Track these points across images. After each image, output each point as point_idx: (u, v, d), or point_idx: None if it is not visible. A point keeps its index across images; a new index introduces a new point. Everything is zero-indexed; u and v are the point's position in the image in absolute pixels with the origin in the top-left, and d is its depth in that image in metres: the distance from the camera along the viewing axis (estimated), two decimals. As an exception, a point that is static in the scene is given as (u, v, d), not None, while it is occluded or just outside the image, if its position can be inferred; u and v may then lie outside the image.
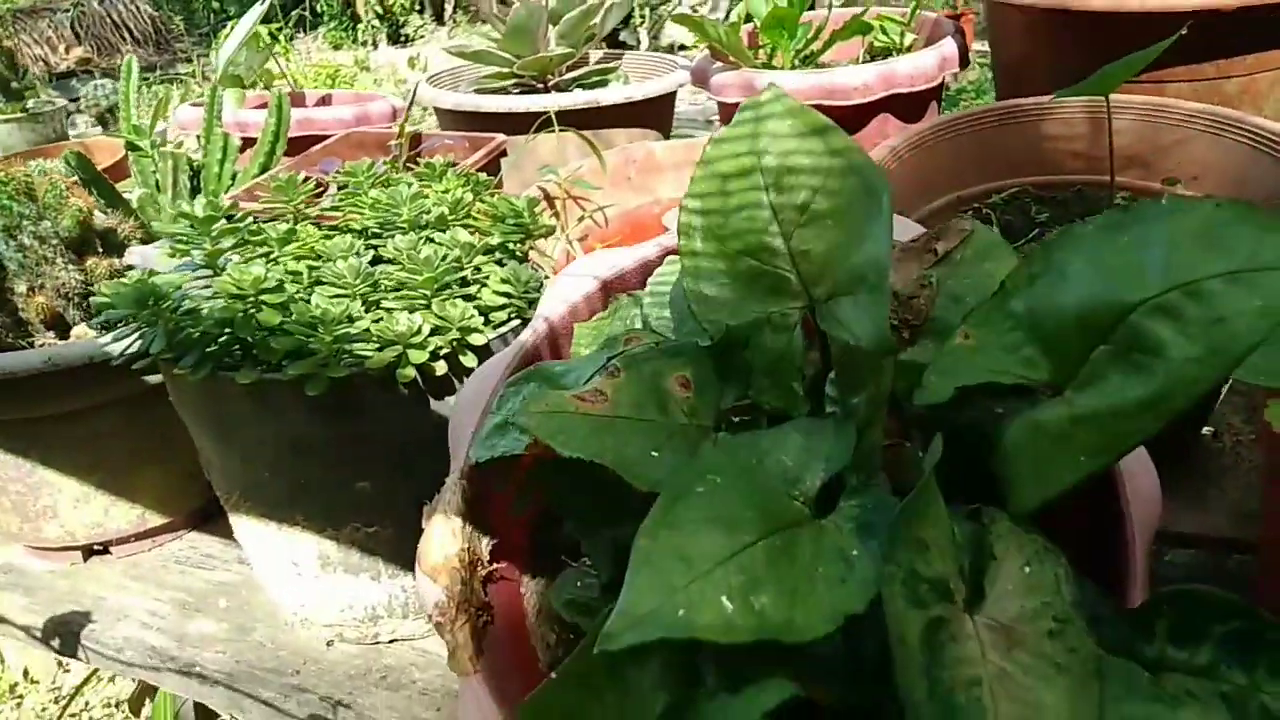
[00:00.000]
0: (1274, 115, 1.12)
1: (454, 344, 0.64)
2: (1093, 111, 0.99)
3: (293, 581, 0.76)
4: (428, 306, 0.66)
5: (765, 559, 0.33)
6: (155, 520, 0.93)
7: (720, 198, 0.45)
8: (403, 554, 0.73)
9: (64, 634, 0.86)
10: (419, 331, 0.63)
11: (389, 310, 0.65)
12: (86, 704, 1.95)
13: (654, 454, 0.39)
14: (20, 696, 1.98)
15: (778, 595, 0.32)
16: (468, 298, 0.69)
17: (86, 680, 1.81)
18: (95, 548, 0.94)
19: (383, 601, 0.75)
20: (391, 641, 0.78)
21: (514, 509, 0.47)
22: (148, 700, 1.27)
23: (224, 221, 0.73)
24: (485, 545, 0.45)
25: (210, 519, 0.97)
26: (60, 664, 2.04)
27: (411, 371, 0.62)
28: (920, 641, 0.31)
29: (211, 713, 1.26)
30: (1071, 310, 0.36)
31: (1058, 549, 0.36)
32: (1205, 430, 0.93)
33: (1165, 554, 0.88)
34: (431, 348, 0.64)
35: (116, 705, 1.92)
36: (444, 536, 0.44)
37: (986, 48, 1.48)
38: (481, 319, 0.67)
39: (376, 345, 0.63)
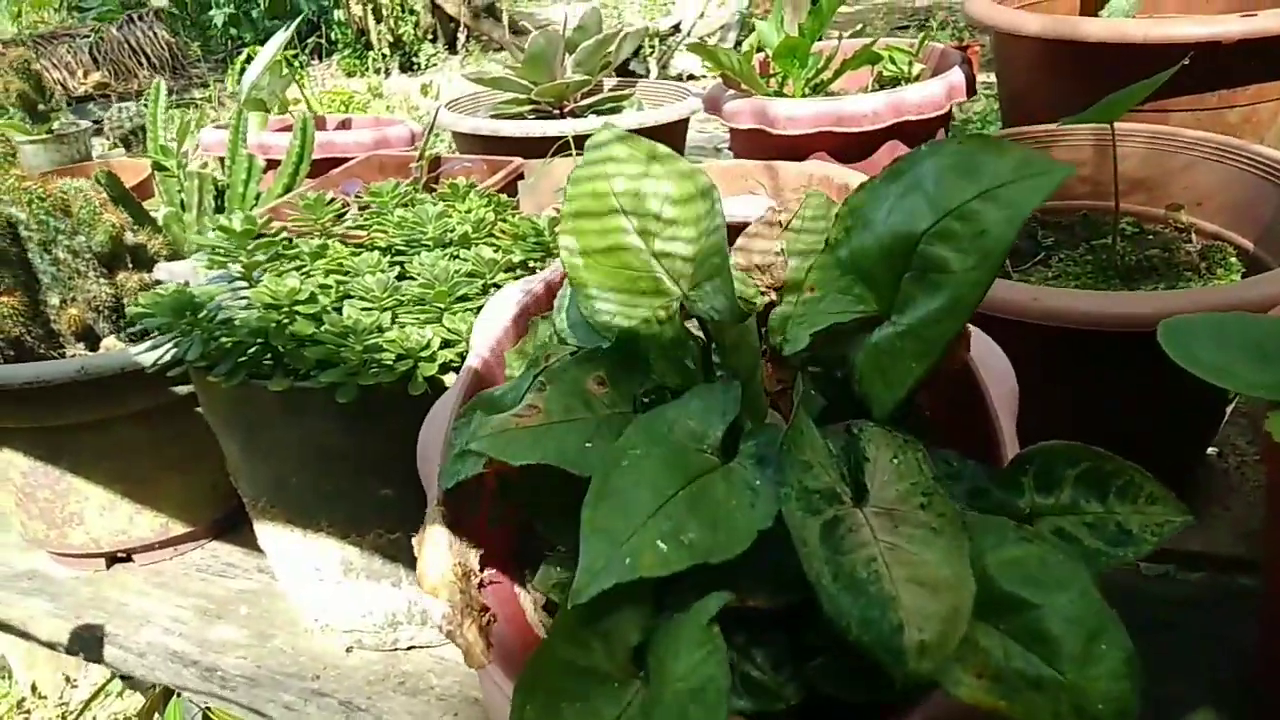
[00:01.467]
0: (1275, 144, 1.15)
1: (462, 356, 0.66)
2: (1097, 139, 1.02)
3: (314, 587, 0.78)
4: (439, 320, 0.68)
5: (687, 505, 0.40)
6: (178, 529, 0.95)
7: (590, 222, 0.51)
8: (424, 561, 0.74)
9: (87, 639, 0.88)
10: (428, 345, 0.65)
11: (402, 325, 0.67)
12: (94, 719, 1.95)
13: (588, 445, 0.46)
14: (28, 711, 1.98)
15: (701, 530, 0.39)
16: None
17: (95, 695, 1.82)
18: (119, 555, 0.95)
19: (402, 608, 0.77)
20: (410, 648, 0.80)
21: (490, 522, 0.51)
22: (156, 715, 1.28)
23: (257, 237, 0.75)
24: (474, 557, 0.49)
25: (232, 529, 0.99)
26: (68, 679, 2.05)
27: (423, 384, 0.64)
28: (820, 540, 0.37)
29: (221, 727, 1.27)
30: (877, 249, 0.44)
31: (916, 440, 0.43)
32: (1210, 451, 0.94)
33: (1172, 574, 0.90)
34: (441, 360, 0.66)
35: (125, 720, 1.92)
36: (436, 557, 0.48)
37: (993, 79, 1.51)
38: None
39: (393, 357, 0.65)
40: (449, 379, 0.65)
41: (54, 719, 2.02)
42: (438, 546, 0.48)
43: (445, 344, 0.65)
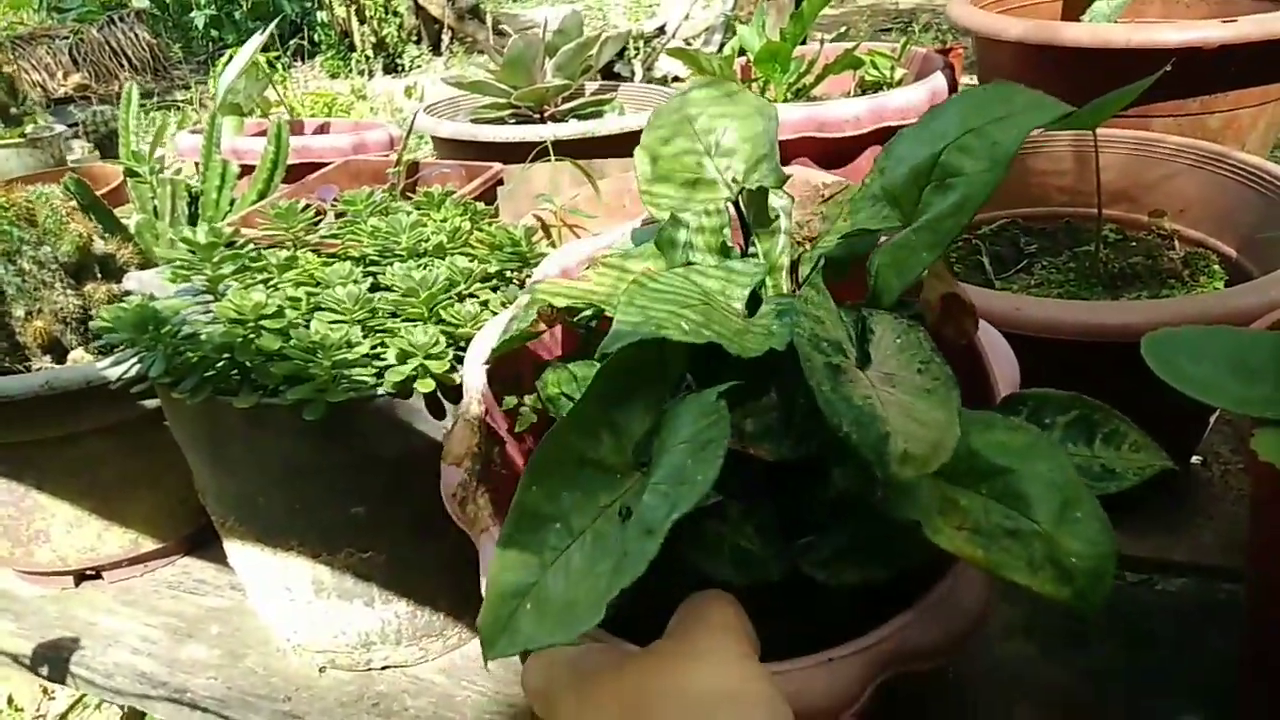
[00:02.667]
0: (1256, 150, 1.15)
1: (418, 370, 0.65)
2: (1079, 146, 1.01)
3: (286, 607, 0.76)
4: (429, 321, 0.67)
5: (706, 315, 0.44)
6: (148, 545, 0.93)
7: (665, 147, 0.59)
8: (395, 579, 0.73)
9: (53, 660, 0.86)
10: (437, 342, 0.64)
11: (390, 331, 0.66)
12: (71, 733, 1.92)
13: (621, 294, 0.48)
14: (3, 725, 1.95)
15: (722, 329, 0.43)
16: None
17: (71, 707, 1.79)
18: (87, 572, 0.93)
19: (376, 628, 0.75)
20: (384, 668, 0.78)
21: (514, 430, 0.57)
22: (134, 730, 1.26)
23: (225, 248, 0.73)
24: (496, 449, 0.55)
25: (203, 545, 0.97)
26: (45, 690, 2.01)
27: (430, 384, 0.63)
28: (823, 368, 0.41)
29: (199, 742, 1.25)
30: (904, 176, 0.50)
31: (919, 324, 0.48)
32: (1194, 460, 0.94)
33: (1156, 583, 0.89)
34: (437, 368, 0.64)
35: (102, 734, 1.90)
36: (463, 434, 0.53)
37: (976, 82, 1.50)
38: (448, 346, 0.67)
39: (374, 372, 0.64)
40: (423, 386, 0.64)
41: (30, 732, 1.99)
42: (468, 425, 0.53)
43: (429, 354, 0.64)
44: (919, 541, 0.40)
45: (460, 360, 0.67)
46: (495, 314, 0.70)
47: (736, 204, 0.57)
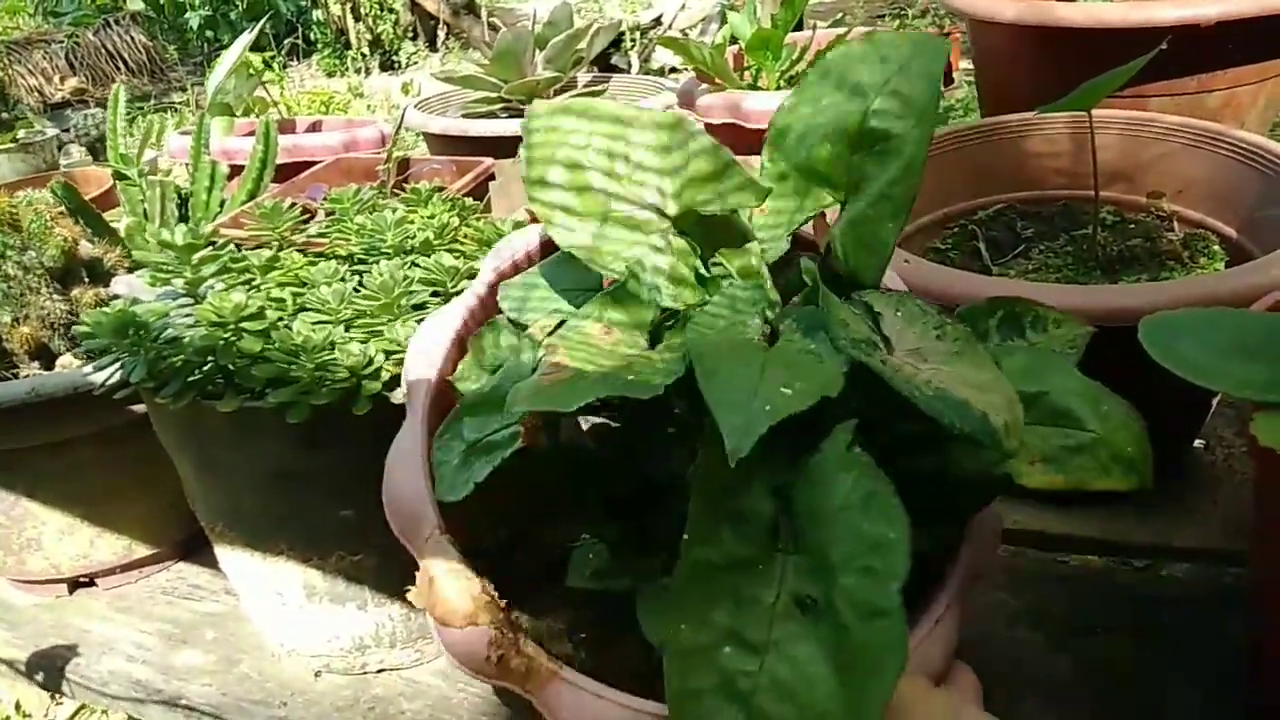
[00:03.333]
0: (1256, 128, 1.13)
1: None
2: (1076, 127, 1.00)
3: (278, 612, 0.75)
4: (382, 334, 0.65)
5: (779, 367, 0.41)
6: (142, 551, 0.92)
7: (561, 175, 0.53)
8: (388, 582, 0.72)
9: (48, 668, 0.85)
10: (371, 361, 0.62)
11: (349, 339, 0.64)
12: (78, 738, 1.93)
13: (631, 378, 0.44)
14: (11, 731, 1.96)
15: (801, 380, 0.40)
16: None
17: (77, 713, 1.79)
18: (81, 580, 0.93)
19: (370, 631, 0.75)
20: (380, 671, 0.78)
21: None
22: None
23: (206, 249, 0.72)
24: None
25: (198, 549, 0.96)
26: (54, 696, 2.02)
27: (365, 404, 0.61)
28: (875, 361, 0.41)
29: (203, 745, 1.24)
30: (822, 149, 0.49)
31: (908, 292, 0.49)
32: (1196, 443, 0.92)
33: (1160, 568, 0.88)
34: (385, 376, 0.63)
35: (109, 739, 1.90)
36: (458, 583, 0.44)
37: (972, 68, 1.49)
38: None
39: (344, 374, 0.62)
40: (396, 395, 0.63)
41: (38, 737, 1.99)
42: (455, 573, 0.44)
43: (390, 355, 0.63)
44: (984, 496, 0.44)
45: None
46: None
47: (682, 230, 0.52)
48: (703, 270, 0.51)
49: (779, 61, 1.26)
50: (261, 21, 1.81)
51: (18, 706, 2.13)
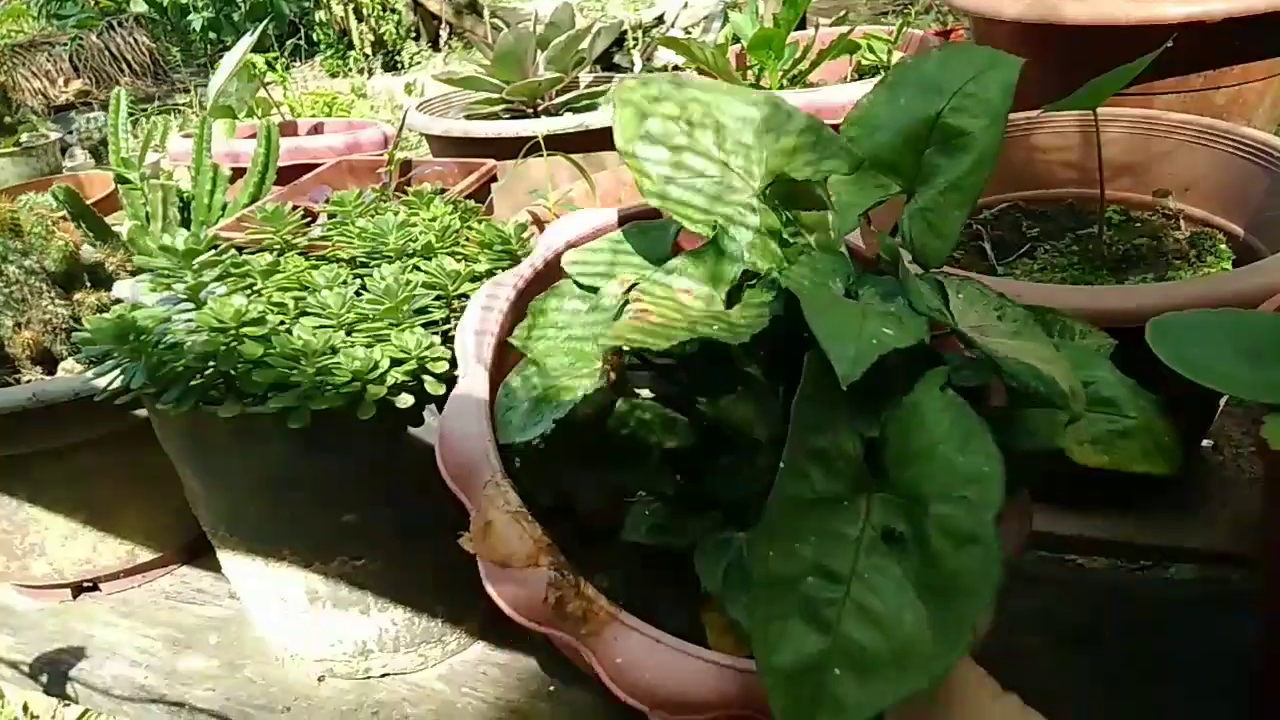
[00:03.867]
0: (1263, 125, 1.12)
1: (414, 373, 0.63)
2: (1082, 125, 0.99)
3: (281, 617, 0.75)
4: (388, 339, 0.65)
5: (874, 317, 0.45)
6: (145, 555, 0.92)
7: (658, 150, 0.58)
8: (391, 587, 0.72)
9: (52, 673, 0.85)
10: (376, 366, 0.62)
11: (353, 344, 0.64)
12: (84, 740, 1.93)
13: (718, 326, 0.47)
14: (18, 733, 1.96)
15: (894, 328, 0.43)
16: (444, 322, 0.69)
17: (83, 715, 1.79)
18: (85, 584, 0.92)
19: (373, 636, 0.74)
20: (383, 676, 0.77)
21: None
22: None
23: (207, 254, 0.72)
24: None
25: (201, 553, 0.96)
26: (61, 700, 2.02)
27: (371, 408, 0.61)
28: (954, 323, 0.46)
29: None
30: (895, 141, 0.53)
31: (970, 277, 0.54)
32: (1205, 443, 0.92)
33: (1169, 570, 0.87)
34: (392, 381, 0.63)
35: (115, 741, 1.90)
36: (519, 527, 0.45)
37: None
38: (445, 348, 0.66)
39: (347, 379, 0.62)
40: (402, 400, 0.63)
41: (45, 739, 1.99)
42: (517, 516, 0.45)
43: (395, 362, 0.62)
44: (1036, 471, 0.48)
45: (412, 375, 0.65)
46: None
47: (765, 195, 0.55)
48: (786, 236, 0.54)
49: (781, 61, 1.26)
50: (264, 23, 1.81)
51: (25, 708, 2.13)
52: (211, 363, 0.63)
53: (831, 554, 0.37)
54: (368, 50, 4.96)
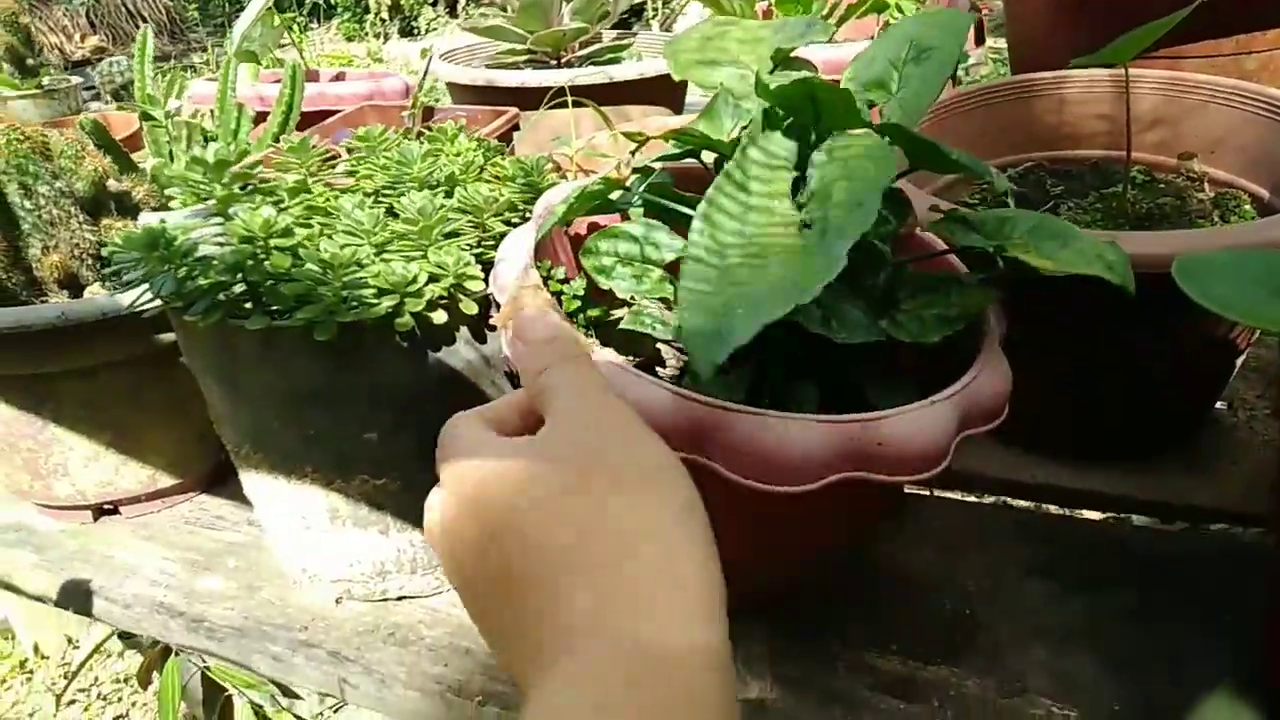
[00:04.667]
0: (1294, 90, 1.11)
1: (451, 290, 0.64)
2: (1109, 86, 0.98)
3: (301, 537, 0.76)
4: (425, 256, 0.66)
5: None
6: (166, 481, 0.93)
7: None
8: (409, 508, 0.73)
9: (74, 592, 0.86)
10: (414, 279, 0.62)
11: (386, 260, 0.65)
12: (95, 679, 1.96)
13: None
14: (30, 672, 1.99)
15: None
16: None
17: (92, 654, 1.82)
18: (105, 507, 0.94)
19: (391, 557, 0.75)
20: (400, 598, 0.78)
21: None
22: (155, 674, 1.27)
23: (238, 165, 0.73)
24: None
25: (221, 482, 0.97)
26: (70, 640, 2.05)
27: (409, 320, 0.62)
28: None
29: (219, 686, 1.26)
30: (881, 66, 0.65)
31: None
32: (1219, 404, 0.92)
33: (1178, 525, 0.88)
34: (429, 295, 0.63)
35: (125, 680, 1.93)
36: (534, 293, 0.54)
37: (1002, 45, 1.47)
38: (480, 268, 0.66)
39: (374, 292, 0.63)
40: (439, 316, 0.63)
41: (56, 679, 2.03)
42: (534, 288, 0.55)
43: (432, 279, 0.63)
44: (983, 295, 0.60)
45: (466, 295, 0.66)
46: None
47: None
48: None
49: (809, 14, 1.25)
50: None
51: (36, 649, 2.16)
52: (239, 274, 0.64)
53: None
54: (384, 15, 4.94)
